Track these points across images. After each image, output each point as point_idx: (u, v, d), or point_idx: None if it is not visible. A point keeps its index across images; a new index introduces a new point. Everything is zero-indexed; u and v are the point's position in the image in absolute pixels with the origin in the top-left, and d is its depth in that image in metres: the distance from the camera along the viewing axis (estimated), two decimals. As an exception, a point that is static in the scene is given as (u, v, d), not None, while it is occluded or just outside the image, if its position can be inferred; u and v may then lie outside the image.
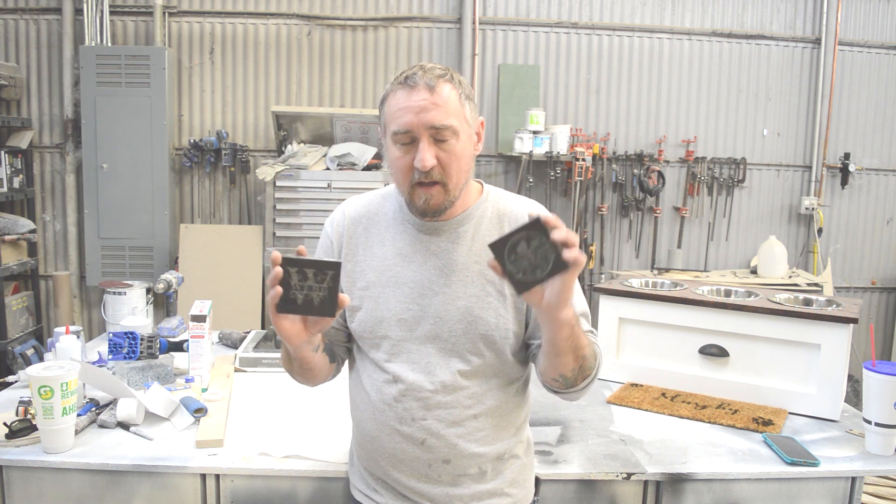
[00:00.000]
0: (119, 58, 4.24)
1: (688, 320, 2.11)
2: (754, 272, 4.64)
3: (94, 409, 1.76)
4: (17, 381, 2.06)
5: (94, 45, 4.27)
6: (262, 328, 4.06)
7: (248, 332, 2.50)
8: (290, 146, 4.28)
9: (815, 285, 4.40)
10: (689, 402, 2.00)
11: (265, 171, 4.05)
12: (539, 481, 1.49)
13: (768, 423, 1.85)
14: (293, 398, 1.93)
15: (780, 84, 4.88)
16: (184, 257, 4.31)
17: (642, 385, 2.15)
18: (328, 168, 4.15)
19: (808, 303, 2.12)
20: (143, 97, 4.27)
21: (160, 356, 2.04)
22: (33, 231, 4.31)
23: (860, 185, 5.02)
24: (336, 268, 1.12)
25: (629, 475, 1.58)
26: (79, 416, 1.66)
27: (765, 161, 4.92)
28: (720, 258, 4.97)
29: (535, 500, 1.45)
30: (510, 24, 4.69)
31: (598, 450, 1.69)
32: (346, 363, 1.47)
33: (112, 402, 1.78)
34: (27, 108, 4.49)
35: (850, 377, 2.91)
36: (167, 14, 4.47)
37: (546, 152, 4.44)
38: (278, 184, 4.05)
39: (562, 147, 4.44)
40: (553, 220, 1.06)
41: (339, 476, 1.55)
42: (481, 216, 1.35)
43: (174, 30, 4.51)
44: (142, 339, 2.00)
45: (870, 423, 1.70)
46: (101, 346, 2.35)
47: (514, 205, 1.38)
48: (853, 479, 1.65)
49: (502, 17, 4.68)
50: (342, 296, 1.14)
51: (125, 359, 1.98)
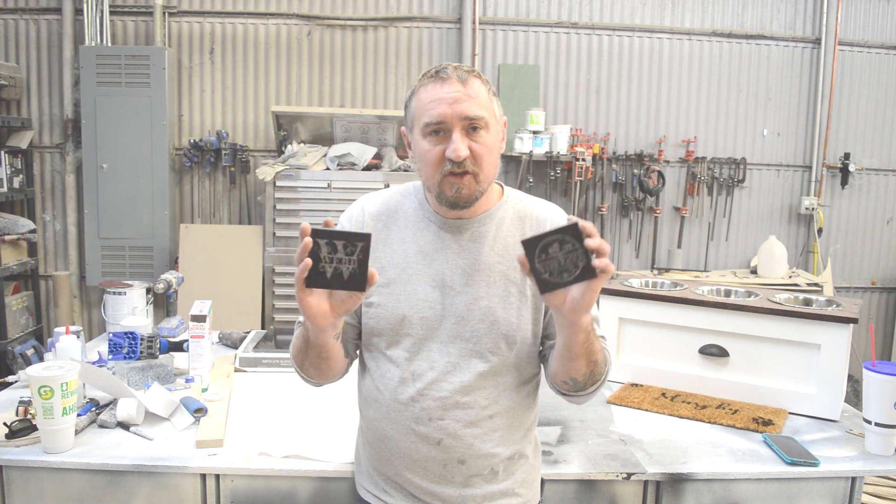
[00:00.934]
0: (119, 58, 4.24)
1: (688, 320, 2.11)
2: (754, 272, 4.64)
3: (94, 409, 1.76)
4: (17, 381, 2.06)
5: (94, 45, 4.27)
6: (262, 328, 4.07)
7: (248, 332, 2.50)
8: (290, 146, 4.28)
9: (815, 285, 4.40)
10: (689, 402, 2.00)
11: (265, 171, 4.05)
12: (544, 482, 1.49)
13: (768, 423, 1.85)
14: (293, 398, 1.94)
15: (780, 84, 4.88)
16: (184, 257, 4.31)
17: (642, 385, 2.15)
18: (328, 168, 4.15)
19: (808, 303, 2.12)
20: (143, 97, 4.27)
21: (160, 356, 2.04)
22: (33, 231, 4.31)
23: (860, 185, 5.02)
24: (366, 239, 1.08)
25: (629, 475, 1.58)
26: (79, 416, 1.66)
27: (765, 161, 4.92)
28: (720, 258, 4.97)
29: (540, 501, 1.45)
30: (510, 24, 4.69)
31: (598, 450, 1.69)
32: (355, 364, 1.45)
33: (112, 402, 1.78)
34: (27, 108, 4.49)
35: (850, 377, 2.91)
36: (167, 14, 4.47)
37: (546, 152, 4.45)
38: (278, 184, 4.05)
39: (562, 147, 4.44)
40: (590, 228, 1.06)
41: (339, 476, 1.55)
42: (503, 217, 1.36)
43: (174, 30, 4.51)
44: (142, 339, 2.00)
45: (870, 423, 1.70)
46: (101, 346, 2.35)
47: (534, 207, 1.40)
48: (853, 479, 1.65)
49: (502, 17, 4.68)
50: (372, 270, 1.10)
51: (125, 359, 1.98)
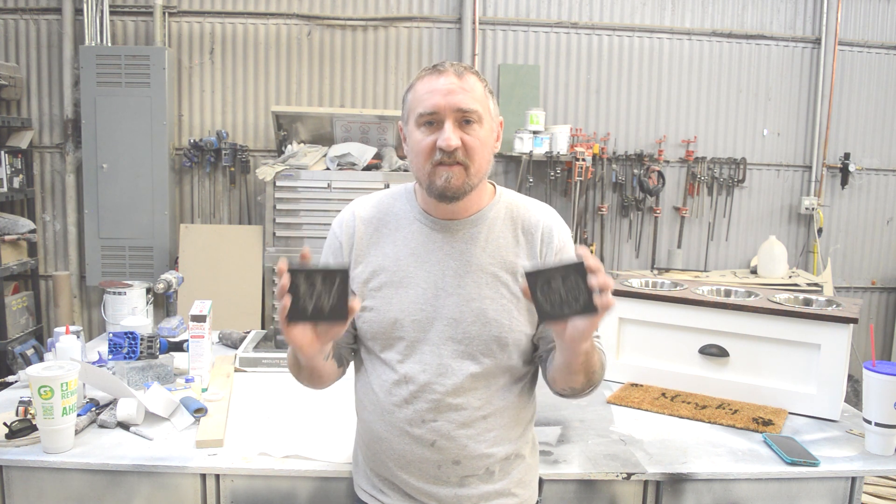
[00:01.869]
0: (119, 58, 4.24)
1: (688, 320, 2.11)
2: (754, 272, 4.64)
3: (94, 409, 1.76)
4: (17, 381, 2.06)
5: (94, 45, 4.27)
6: (262, 328, 4.07)
7: (248, 332, 2.50)
8: (290, 146, 4.28)
9: (815, 285, 4.40)
10: (689, 402, 2.00)
11: (265, 171, 4.05)
12: (542, 482, 1.49)
13: (768, 423, 1.85)
14: (293, 398, 1.93)
15: (780, 84, 4.88)
16: (184, 257, 4.31)
17: (642, 385, 2.15)
18: (328, 168, 4.15)
19: (808, 303, 2.12)
20: (143, 97, 4.27)
21: (160, 356, 2.04)
22: (33, 231, 4.31)
23: (860, 185, 5.02)
24: (344, 272, 1.10)
25: (629, 475, 1.58)
26: (79, 416, 1.66)
27: (765, 161, 4.93)
28: (720, 258, 4.97)
29: (538, 501, 1.45)
30: (510, 24, 4.69)
31: (598, 450, 1.69)
32: (353, 364, 1.46)
33: (112, 402, 1.78)
34: (27, 108, 4.49)
35: (850, 377, 2.91)
36: (167, 14, 4.47)
37: (546, 152, 4.44)
38: (278, 184, 4.05)
39: (562, 147, 4.44)
40: (594, 265, 1.07)
41: (339, 476, 1.55)
42: (494, 217, 1.35)
43: (174, 30, 4.51)
44: (142, 339, 2.00)
45: (870, 423, 1.70)
46: (101, 346, 2.35)
47: (527, 207, 1.39)
48: (853, 479, 1.65)
49: (502, 17, 4.68)
50: (353, 300, 1.12)
51: (125, 359, 1.98)
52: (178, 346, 2.11)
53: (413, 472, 1.31)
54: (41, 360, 3.40)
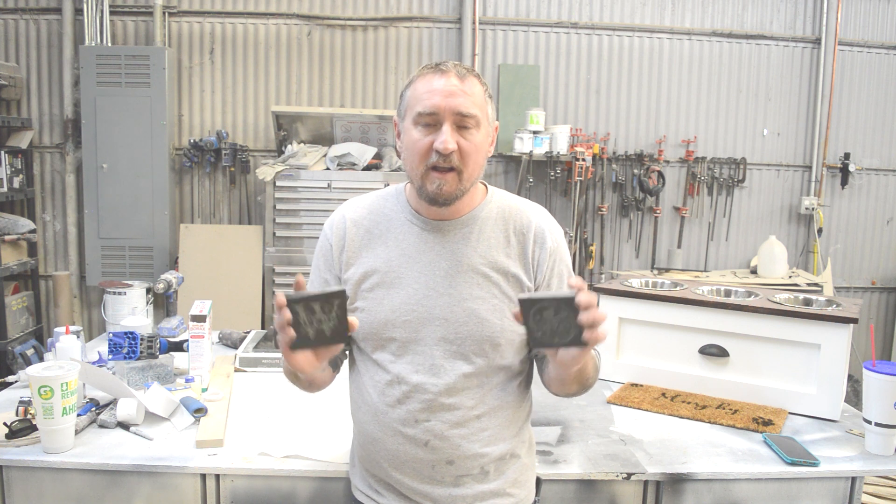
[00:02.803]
0: (119, 58, 4.24)
1: (688, 320, 2.11)
2: (754, 272, 4.64)
3: (94, 409, 1.76)
4: (17, 381, 2.06)
5: (94, 45, 4.27)
6: (262, 328, 4.07)
7: (248, 332, 2.50)
8: (290, 146, 4.28)
9: (815, 285, 4.40)
10: (689, 402, 2.00)
11: (265, 171, 4.05)
12: (540, 481, 1.49)
13: (768, 423, 1.85)
14: (293, 398, 1.93)
15: (780, 84, 4.88)
16: (184, 257, 4.31)
17: (642, 385, 2.15)
18: (328, 168, 4.15)
19: (808, 303, 2.12)
20: (143, 97, 4.27)
21: (160, 356, 2.04)
22: (33, 231, 4.31)
23: (860, 185, 5.02)
24: (342, 296, 1.12)
25: (629, 475, 1.58)
26: (79, 416, 1.66)
27: (765, 161, 4.92)
28: (720, 258, 4.97)
29: (536, 500, 1.45)
30: (510, 24, 4.69)
31: (598, 450, 1.69)
32: (346, 364, 1.46)
33: (112, 402, 1.78)
34: (27, 108, 4.49)
35: (850, 377, 2.91)
36: (167, 14, 4.47)
37: (546, 152, 4.44)
38: (278, 184, 4.05)
39: (562, 147, 4.44)
40: (586, 301, 1.08)
41: (339, 476, 1.55)
42: (486, 217, 1.35)
43: (174, 30, 4.51)
44: (142, 339, 2.00)
45: (870, 423, 1.70)
46: (101, 346, 2.35)
47: (519, 208, 1.39)
48: (853, 479, 1.65)
49: (502, 17, 4.67)
50: (351, 319, 1.16)
51: (125, 359, 1.98)
52: (178, 346, 2.11)
53: (407, 473, 1.31)
54: (41, 360, 3.41)
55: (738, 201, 4.93)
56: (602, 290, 2.24)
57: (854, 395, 3.85)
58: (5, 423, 1.61)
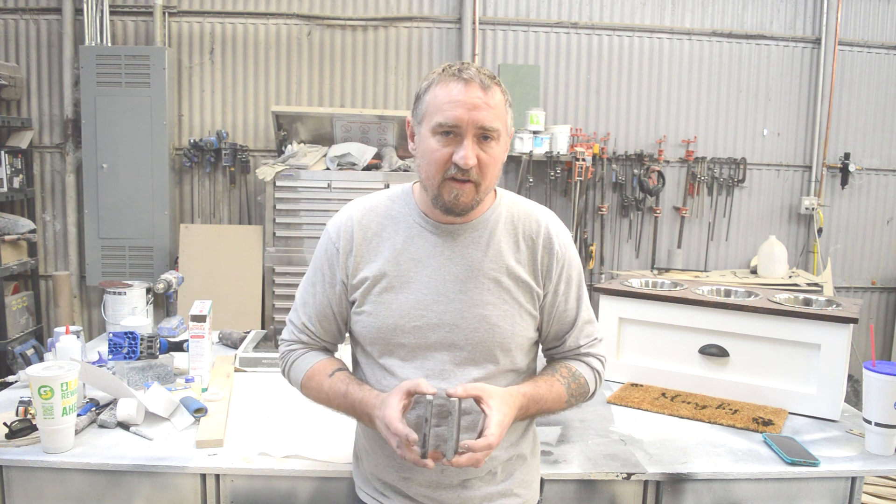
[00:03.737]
0: (119, 58, 4.24)
1: (688, 320, 2.11)
2: (754, 272, 4.64)
3: (94, 409, 1.76)
4: (17, 381, 2.06)
5: (94, 45, 4.27)
6: (262, 328, 4.07)
7: (248, 332, 2.50)
8: (290, 146, 4.28)
9: (815, 285, 4.40)
10: (689, 402, 2.00)
11: (265, 171, 4.05)
12: (543, 482, 1.49)
13: (768, 423, 1.85)
14: (293, 398, 1.92)
15: (780, 84, 4.88)
16: (184, 257, 4.31)
17: (642, 385, 2.15)
18: (328, 168, 4.15)
19: (808, 303, 2.12)
20: (143, 97, 4.27)
21: (160, 356, 2.04)
22: (33, 231, 4.31)
23: (860, 185, 5.02)
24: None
25: (629, 475, 1.58)
26: (79, 416, 1.66)
27: (765, 161, 4.92)
28: (720, 258, 4.97)
29: (540, 501, 1.45)
30: (510, 24, 4.69)
31: (598, 450, 1.69)
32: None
33: (112, 402, 1.78)
34: (27, 108, 4.49)
35: (850, 377, 2.91)
36: (167, 14, 4.47)
37: (546, 152, 4.44)
38: (278, 184, 4.05)
39: (562, 147, 4.44)
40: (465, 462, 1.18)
41: (339, 476, 1.55)
42: (496, 221, 1.33)
43: (174, 30, 4.51)
44: (142, 339, 2.00)
45: (870, 423, 1.70)
46: (101, 346, 2.35)
47: (527, 212, 1.37)
48: (853, 479, 1.65)
49: (502, 17, 4.67)
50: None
51: (125, 359, 1.98)
52: (178, 346, 2.11)
53: (415, 476, 1.31)
54: (41, 360, 3.41)
55: (738, 201, 4.93)
56: (602, 290, 2.24)
57: (854, 395, 3.85)
58: (5, 423, 1.61)
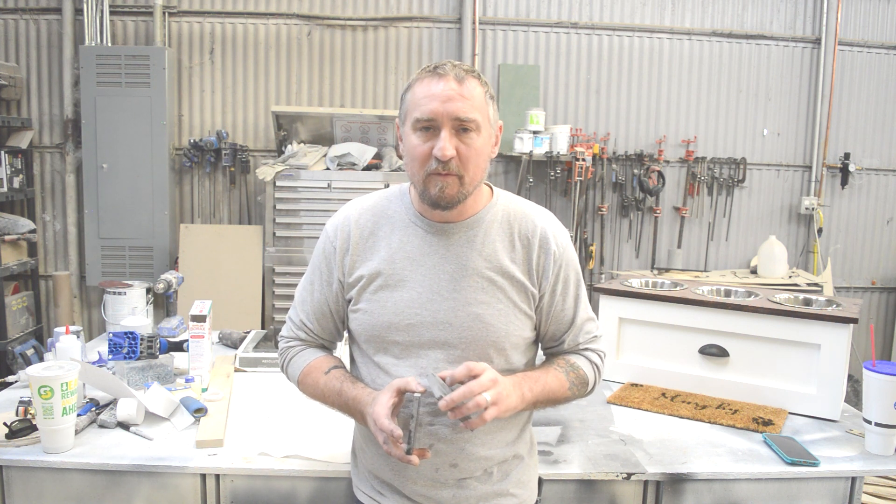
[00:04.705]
0: (119, 58, 4.24)
1: (688, 320, 2.11)
2: (754, 272, 4.64)
3: (94, 409, 1.76)
4: (17, 381, 2.06)
5: (94, 45, 4.27)
6: (262, 328, 4.07)
7: (248, 332, 2.50)
8: (290, 146, 4.28)
9: (815, 285, 4.39)
10: (689, 402, 2.00)
11: (265, 171, 4.05)
12: (542, 481, 1.49)
13: (768, 423, 1.85)
14: (293, 398, 1.93)
15: (780, 84, 4.88)
16: (184, 257, 4.31)
17: (642, 385, 2.15)
18: (328, 168, 4.15)
19: (808, 303, 2.12)
20: (143, 97, 4.27)
21: (160, 356, 2.04)
22: (33, 231, 4.31)
23: (860, 185, 5.02)
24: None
25: (629, 475, 1.58)
26: (79, 416, 1.66)
27: (765, 161, 4.92)
28: (720, 258, 4.97)
29: (538, 501, 1.45)
30: (510, 24, 4.69)
31: (598, 450, 1.69)
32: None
33: (112, 402, 1.78)
34: (27, 108, 4.49)
35: (850, 377, 2.91)
36: (167, 14, 4.47)
37: (546, 152, 4.44)
38: (278, 184, 4.05)
39: (562, 147, 4.44)
40: (445, 405, 1.17)
41: (339, 476, 1.55)
42: (491, 220, 1.34)
43: (174, 30, 4.51)
44: (142, 339, 2.00)
45: (870, 423, 1.70)
46: (101, 346, 2.35)
47: (524, 212, 1.37)
48: (853, 479, 1.65)
49: (502, 17, 4.67)
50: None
51: (125, 359, 1.98)
52: (178, 346, 2.11)
53: (411, 475, 1.31)
54: (41, 360, 3.41)
55: (738, 201, 4.93)
56: (602, 290, 2.24)
57: (854, 395, 3.85)
58: (5, 423, 1.61)
